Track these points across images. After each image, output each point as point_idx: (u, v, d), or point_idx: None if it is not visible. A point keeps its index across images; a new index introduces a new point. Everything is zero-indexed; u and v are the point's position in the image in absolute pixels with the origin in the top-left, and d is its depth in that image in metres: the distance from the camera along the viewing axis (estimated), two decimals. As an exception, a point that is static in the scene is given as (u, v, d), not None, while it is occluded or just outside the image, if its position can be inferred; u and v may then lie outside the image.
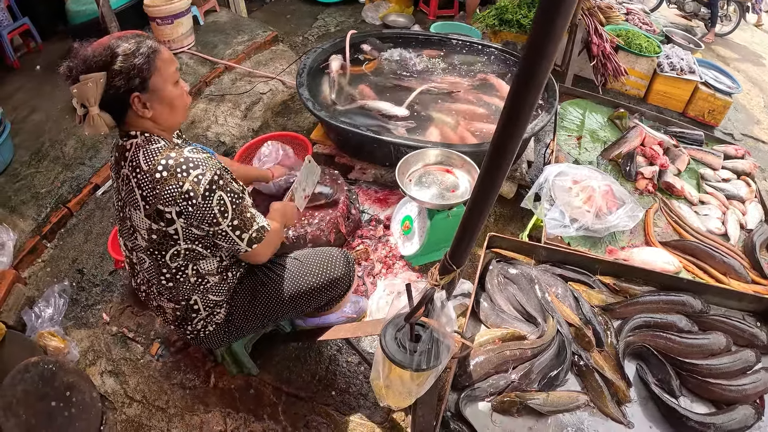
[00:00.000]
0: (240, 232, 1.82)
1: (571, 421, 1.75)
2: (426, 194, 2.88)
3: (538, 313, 2.00)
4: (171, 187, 1.67)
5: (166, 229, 1.75)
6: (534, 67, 0.91)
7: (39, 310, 2.88)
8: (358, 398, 2.57)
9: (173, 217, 1.72)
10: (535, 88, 0.93)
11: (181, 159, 1.69)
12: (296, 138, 3.84)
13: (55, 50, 5.25)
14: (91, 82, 1.61)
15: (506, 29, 5.02)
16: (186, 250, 1.84)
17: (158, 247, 1.82)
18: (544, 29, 0.86)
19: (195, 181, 1.67)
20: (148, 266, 1.92)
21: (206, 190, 1.69)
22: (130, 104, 1.69)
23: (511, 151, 1.05)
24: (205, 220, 1.73)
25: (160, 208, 1.70)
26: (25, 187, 3.69)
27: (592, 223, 2.56)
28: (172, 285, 1.93)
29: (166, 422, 2.51)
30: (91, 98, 1.62)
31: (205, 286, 1.97)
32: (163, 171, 1.67)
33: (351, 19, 6.69)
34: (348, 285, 2.31)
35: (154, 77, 1.70)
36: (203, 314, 2.04)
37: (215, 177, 1.71)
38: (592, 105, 3.76)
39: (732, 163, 3.34)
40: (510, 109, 1.00)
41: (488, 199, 1.20)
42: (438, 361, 1.43)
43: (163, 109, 1.77)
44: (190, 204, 1.68)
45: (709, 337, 1.97)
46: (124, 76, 1.64)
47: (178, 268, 1.89)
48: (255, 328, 2.21)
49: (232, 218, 1.78)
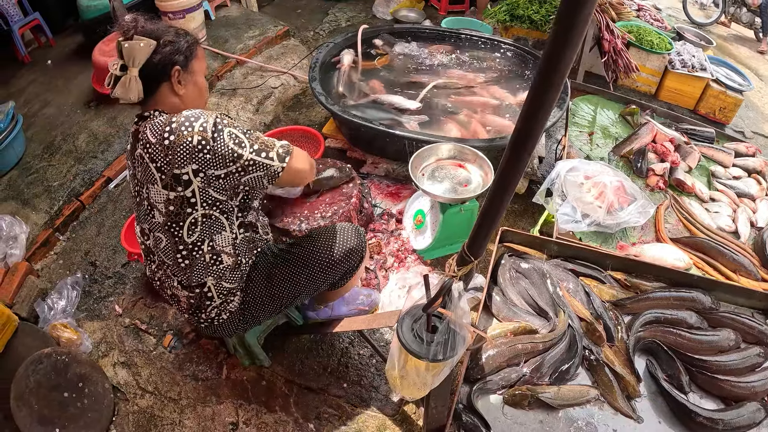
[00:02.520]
0: (265, 153, 1.84)
1: (582, 415, 1.75)
2: (439, 188, 2.89)
3: (550, 308, 2.00)
4: (182, 148, 1.72)
5: (184, 194, 1.79)
6: (559, 53, 0.91)
7: (52, 302, 2.91)
8: (370, 390, 2.58)
9: (190, 177, 1.76)
10: (559, 75, 0.93)
11: (181, 119, 1.76)
12: (308, 132, 3.85)
13: (67, 45, 5.29)
14: (144, 43, 1.77)
15: (517, 24, 5.00)
16: (203, 217, 1.86)
17: (175, 218, 1.85)
18: (570, 16, 0.87)
19: (201, 129, 1.73)
20: (165, 245, 1.94)
21: (213, 132, 1.74)
22: (168, 77, 1.86)
23: (534, 138, 1.06)
24: (226, 160, 1.77)
25: (176, 172, 1.75)
26: (38, 180, 3.73)
27: (603, 219, 2.56)
28: (188, 263, 1.94)
29: (178, 413, 2.53)
30: (138, 58, 1.77)
31: (219, 267, 1.98)
32: (169, 136, 1.74)
33: (362, 14, 6.69)
34: (361, 256, 2.32)
35: (194, 61, 1.93)
36: (217, 302, 2.05)
37: (217, 119, 1.78)
38: (603, 101, 3.75)
39: (743, 160, 3.33)
40: (533, 98, 1.00)
41: (509, 188, 1.20)
42: (454, 352, 1.44)
43: (194, 92, 1.97)
44: (204, 152, 1.73)
45: (719, 333, 1.97)
46: (171, 47, 1.84)
47: (195, 243, 1.90)
48: (270, 313, 2.22)
49: (251, 144, 1.81)
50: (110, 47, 4.17)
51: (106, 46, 4.23)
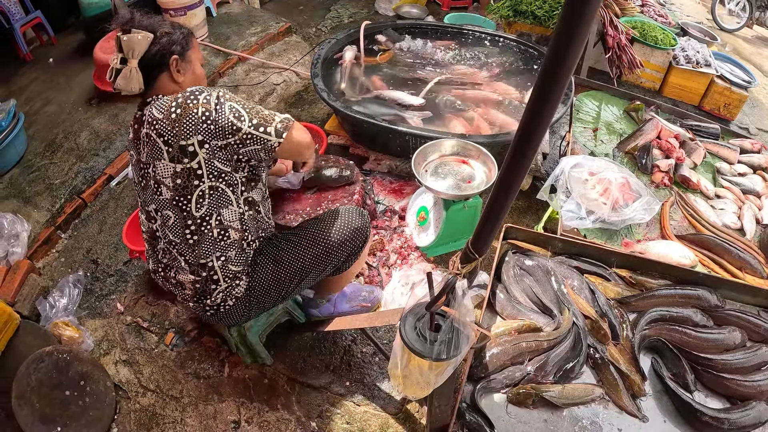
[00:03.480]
0: (263, 127, 1.89)
1: (586, 413, 1.74)
2: (442, 185, 2.88)
3: (554, 305, 1.98)
4: (188, 118, 1.80)
5: (190, 165, 1.85)
6: (564, 48, 0.89)
7: (53, 300, 2.90)
8: (373, 389, 2.57)
9: (196, 148, 1.82)
10: (566, 70, 0.91)
11: (187, 93, 1.86)
12: (311, 128, 3.83)
13: (68, 43, 5.28)
14: (142, 35, 1.86)
15: (521, 20, 4.97)
16: (210, 189, 1.91)
17: (183, 192, 1.90)
18: (576, 11, 0.84)
19: (205, 102, 1.82)
20: (173, 222, 1.97)
21: (216, 104, 1.83)
22: (167, 67, 1.95)
23: (539, 134, 1.04)
24: (226, 131, 1.83)
25: (182, 143, 1.82)
26: (40, 178, 3.72)
27: (608, 216, 2.55)
28: (196, 239, 1.97)
29: (180, 411, 2.53)
30: (137, 50, 1.86)
31: (226, 243, 2.01)
32: (176, 109, 1.82)
33: (364, 11, 6.67)
34: (365, 237, 2.36)
35: (190, 51, 2.03)
36: (223, 285, 2.05)
37: (220, 93, 1.87)
38: (607, 97, 3.73)
39: (748, 157, 3.31)
40: (538, 94, 0.98)
41: (513, 185, 1.19)
42: (458, 351, 1.43)
43: (192, 80, 2.05)
44: (208, 122, 1.81)
45: (724, 332, 1.95)
46: (168, 38, 1.93)
47: (203, 218, 1.94)
48: (275, 299, 2.23)
49: (250, 119, 1.87)
50: (111, 44, 4.14)
51: (108, 44, 4.22)
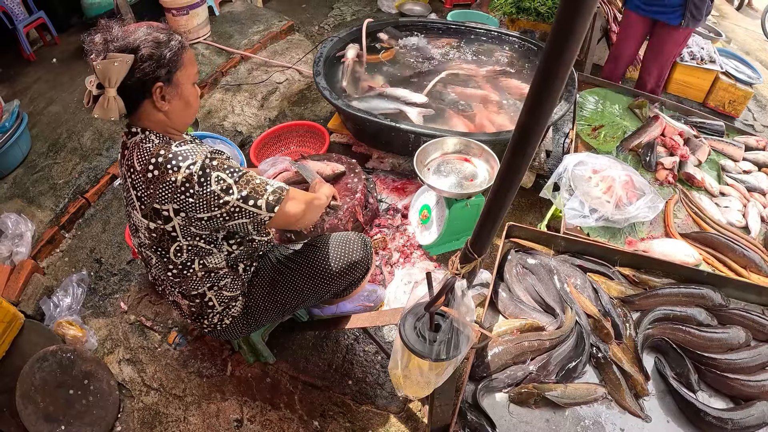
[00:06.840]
0: (253, 201, 1.72)
1: (589, 413, 1.73)
2: (444, 183, 2.87)
3: (557, 304, 1.97)
4: (165, 184, 1.63)
5: (164, 227, 1.72)
6: (562, 42, 0.87)
7: (57, 300, 2.91)
8: (375, 388, 2.57)
9: (170, 215, 1.68)
10: (564, 65, 0.90)
11: (169, 155, 1.64)
12: (313, 127, 3.84)
13: (72, 43, 5.27)
14: (119, 62, 1.56)
15: (524, 17, 4.97)
16: (189, 246, 1.80)
17: (160, 243, 1.79)
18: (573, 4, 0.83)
19: (187, 172, 1.62)
20: (155, 263, 1.91)
21: (200, 176, 1.63)
22: (150, 94, 1.66)
23: (538, 131, 1.02)
24: (211, 205, 1.67)
25: (156, 206, 1.67)
26: (43, 178, 3.72)
27: (611, 214, 2.53)
28: (180, 280, 1.91)
29: (183, 410, 2.53)
30: (113, 78, 1.57)
31: (215, 281, 1.94)
32: (154, 170, 1.64)
33: (367, 8, 6.67)
34: (366, 268, 2.28)
35: (179, 72, 1.70)
36: (218, 309, 2.03)
37: (206, 161, 1.65)
38: (611, 94, 3.71)
39: (753, 154, 3.28)
40: (536, 90, 0.96)
41: (512, 185, 1.17)
42: (457, 351, 1.42)
43: (180, 105, 1.76)
44: (188, 195, 1.64)
45: (729, 331, 1.93)
46: (152, 63, 1.61)
47: (184, 264, 1.86)
48: (273, 318, 2.21)
49: (239, 191, 1.69)
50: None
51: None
